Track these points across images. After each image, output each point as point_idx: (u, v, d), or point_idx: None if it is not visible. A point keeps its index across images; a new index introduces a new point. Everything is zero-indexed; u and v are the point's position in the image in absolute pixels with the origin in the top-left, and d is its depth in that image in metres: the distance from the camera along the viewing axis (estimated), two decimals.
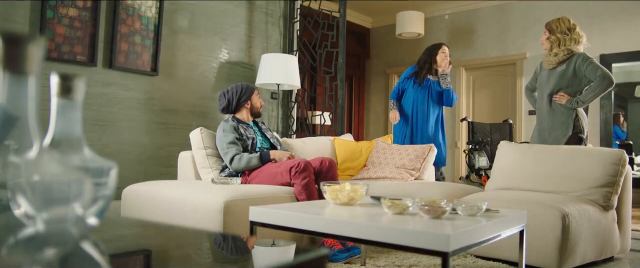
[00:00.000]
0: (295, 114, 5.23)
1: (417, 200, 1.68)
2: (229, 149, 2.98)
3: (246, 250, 0.66)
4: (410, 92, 4.35)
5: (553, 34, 3.54)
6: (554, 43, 3.53)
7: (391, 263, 2.40)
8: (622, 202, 2.74)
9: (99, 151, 3.49)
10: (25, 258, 0.47)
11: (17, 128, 0.58)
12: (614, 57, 5.58)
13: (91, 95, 3.61)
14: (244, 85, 3.27)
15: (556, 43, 3.52)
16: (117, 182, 0.60)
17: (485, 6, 6.57)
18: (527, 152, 2.95)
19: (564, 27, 3.51)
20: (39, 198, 0.53)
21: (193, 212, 2.38)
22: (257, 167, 2.96)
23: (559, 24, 3.54)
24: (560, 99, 3.50)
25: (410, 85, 4.36)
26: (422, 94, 4.30)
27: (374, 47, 7.76)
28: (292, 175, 2.73)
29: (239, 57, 4.74)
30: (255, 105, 3.27)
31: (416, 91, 4.31)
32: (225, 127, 3.08)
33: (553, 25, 3.57)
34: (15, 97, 0.57)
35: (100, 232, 0.62)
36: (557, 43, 3.52)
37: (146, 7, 3.92)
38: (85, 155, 0.57)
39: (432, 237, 1.33)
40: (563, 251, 2.29)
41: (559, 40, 3.51)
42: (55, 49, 3.40)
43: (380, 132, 7.54)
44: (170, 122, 4.12)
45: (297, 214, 1.65)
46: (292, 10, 5.22)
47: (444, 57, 4.29)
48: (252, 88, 3.28)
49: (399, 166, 3.61)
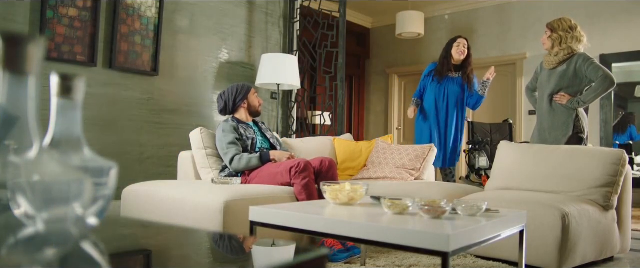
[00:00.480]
0: (295, 114, 5.23)
1: (417, 200, 1.68)
2: (229, 150, 2.97)
3: (246, 250, 0.66)
4: (430, 90, 4.33)
5: (555, 32, 3.53)
6: (555, 41, 3.53)
7: (391, 263, 2.40)
8: (622, 202, 2.74)
9: (99, 151, 3.47)
10: (25, 258, 0.47)
11: (17, 128, 0.58)
12: (614, 57, 5.58)
13: (91, 95, 3.61)
14: (239, 85, 3.26)
15: (557, 41, 3.51)
16: (117, 182, 0.60)
17: (485, 6, 6.57)
18: (527, 152, 2.95)
19: (565, 25, 3.51)
20: (39, 198, 0.53)
21: (193, 212, 2.38)
22: (257, 167, 2.96)
23: (560, 23, 3.54)
24: (561, 99, 3.50)
25: (429, 82, 4.35)
26: (442, 92, 4.29)
27: (374, 47, 7.76)
28: (292, 175, 2.73)
29: (239, 57, 4.74)
30: (252, 104, 3.26)
31: (435, 89, 4.30)
32: (225, 127, 3.07)
33: (555, 24, 3.57)
34: (15, 97, 0.57)
35: (100, 232, 0.62)
36: (558, 41, 3.51)
37: (146, 7, 3.92)
38: (85, 155, 0.57)
39: (432, 237, 1.33)
40: (563, 251, 2.29)
41: (560, 38, 3.50)
42: (55, 49, 3.40)
43: (380, 132, 7.54)
44: (170, 122, 4.12)
45: (297, 214, 1.65)
46: (292, 10, 5.22)
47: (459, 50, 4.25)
48: (247, 87, 3.27)
49: (399, 166, 3.61)
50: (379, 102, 7.68)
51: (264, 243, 0.70)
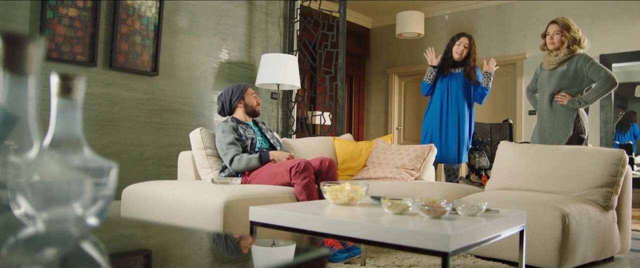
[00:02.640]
0: (295, 114, 5.23)
1: (417, 200, 1.68)
2: (229, 150, 2.97)
3: (246, 250, 0.66)
4: (437, 87, 4.34)
5: (569, 32, 3.46)
6: (569, 40, 3.43)
7: (391, 263, 2.40)
8: (622, 202, 2.74)
9: (99, 151, 3.49)
10: (25, 258, 0.47)
11: (17, 128, 0.58)
12: (614, 57, 5.58)
13: (91, 95, 3.61)
14: (235, 85, 3.26)
15: (571, 40, 3.43)
16: (117, 182, 0.60)
17: (485, 6, 6.57)
18: (527, 152, 2.95)
19: (575, 27, 3.47)
20: (39, 198, 0.53)
21: (193, 212, 2.38)
22: (256, 167, 2.96)
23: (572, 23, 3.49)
24: (561, 99, 3.49)
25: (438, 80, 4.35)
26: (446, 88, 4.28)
27: (374, 47, 7.76)
28: (292, 175, 2.73)
29: (239, 57, 4.74)
30: (249, 103, 3.25)
31: (440, 85, 4.31)
32: (224, 127, 3.07)
33: (567, 22, 3.48)
34: (15, 97, 0.57)
35: (100, 232, 0.62)
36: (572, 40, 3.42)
37: (146, 7, 3.92)
38: (85, 155, 0.57)
39: (432, 237, 1.33)
40: (563, 251, 2.29)
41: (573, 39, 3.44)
42: (55, 49, 3.40)
43: (380, 132, 7.54)
44: (170, 122, 4.12)
45: (297, 214, 1.65)
46: (292, 10, 5.22)
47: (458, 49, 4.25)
48: (243, 86, 3.26)
49: (399, 166, 3.61)
50: (379, 102, 7.68)
51: (264, 243, 0.70)
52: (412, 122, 7.39)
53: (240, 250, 0.65)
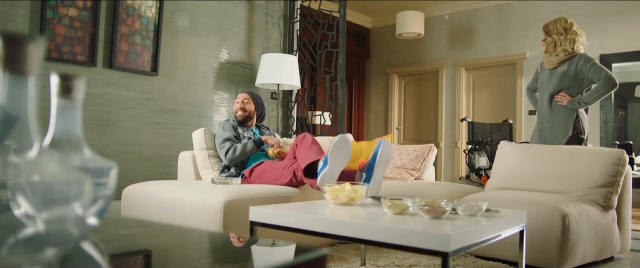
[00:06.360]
0: (295, 114, 5.23)
1: (417, 200, 1.68)
2: (224, 145, 3.03)
3: (246, 250, 0.66)
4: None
5: (549, 36, 3.52)
6: (549, 45, 3.51)
7: (391, 263, 2.40)
8: (622, 202, 2.74)
9: (99, 151, 3.49)
10: (25, 258, 0.47)
11: (17, 128, 0.58)
12: (614, 57, 5.58)
13: (91, 95, 3.61)
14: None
15: (552, 45, 3.50)
16: (117, 182, 0.60)
17: (485, 6, 6.57)
18: (527, 152, 2.95)
19: (560, 28, 3.49)
20: (39, 198, 0.53)
21: (193, 212, 2.38)
22: (253, 151, 3.02)
23: (555, 25, 3.52)
24: (561, 99, 3.49)
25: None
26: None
27: (374, 47, 7.76)
28: (289, 167, 2.75)
29: (239, 57, 4.74)
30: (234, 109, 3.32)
31: None
32: (224, 125, 3.15)
33: (550, 26, 3.55)
34: (15, 97, 0.57)
35: (100, 232, 0.62)
36: (552, 45, 3.50)
37: (146, 7, 3.92)
38: (85, 155, 0.57)
39: (432, 237, 1.33)
40: (563, 251, 2.29)
41: (554, 43, 3.49)
42: (55, 49, 3.40)
43: (380, 132, 7.54)
44: (170, 122, 4.12)
45: (297, 214, 1.65)
46: (292, 10, 5.22)
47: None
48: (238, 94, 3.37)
49: (399, 166, 3.61)
50: (379, 102, 7.68)
51: (264, 243, 0.70)
52: (412, 122, 7.40)
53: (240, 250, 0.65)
